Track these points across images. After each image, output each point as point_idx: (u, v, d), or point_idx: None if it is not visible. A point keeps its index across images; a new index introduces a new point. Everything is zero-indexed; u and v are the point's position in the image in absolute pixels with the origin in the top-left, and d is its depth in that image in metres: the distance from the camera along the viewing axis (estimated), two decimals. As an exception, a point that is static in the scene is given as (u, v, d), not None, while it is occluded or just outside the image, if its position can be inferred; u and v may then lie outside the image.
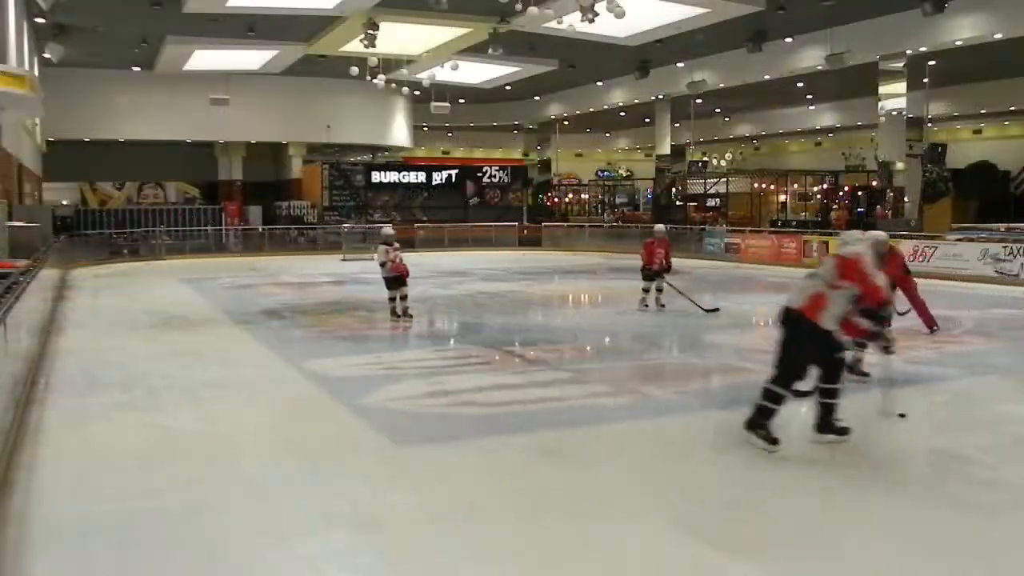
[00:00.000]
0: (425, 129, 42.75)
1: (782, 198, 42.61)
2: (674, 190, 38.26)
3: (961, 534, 5.24)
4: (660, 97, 34.19)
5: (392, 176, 41.40)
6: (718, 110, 40.13)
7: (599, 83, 35.52)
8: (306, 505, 5.70)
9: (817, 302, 6.76)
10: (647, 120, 38.02)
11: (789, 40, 26.05)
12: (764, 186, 43.23)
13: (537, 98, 39.61)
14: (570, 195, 48.76)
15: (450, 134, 46.66)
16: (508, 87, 35.31)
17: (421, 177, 42.01)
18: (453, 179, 42.16)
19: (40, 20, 23.04)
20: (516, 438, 7.22)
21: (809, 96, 35.79)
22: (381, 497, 5.89)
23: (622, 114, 39.21)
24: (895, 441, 7.37)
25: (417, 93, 33.25)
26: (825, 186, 40.94)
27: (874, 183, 31.56)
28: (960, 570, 4.78)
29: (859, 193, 36.99)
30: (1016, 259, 20.68)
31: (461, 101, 37.09)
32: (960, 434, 7.44)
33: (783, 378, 6.86)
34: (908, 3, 21.74)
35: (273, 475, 6.38)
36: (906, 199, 26.83)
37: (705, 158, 49.29)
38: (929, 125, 34.94)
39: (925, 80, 27.13)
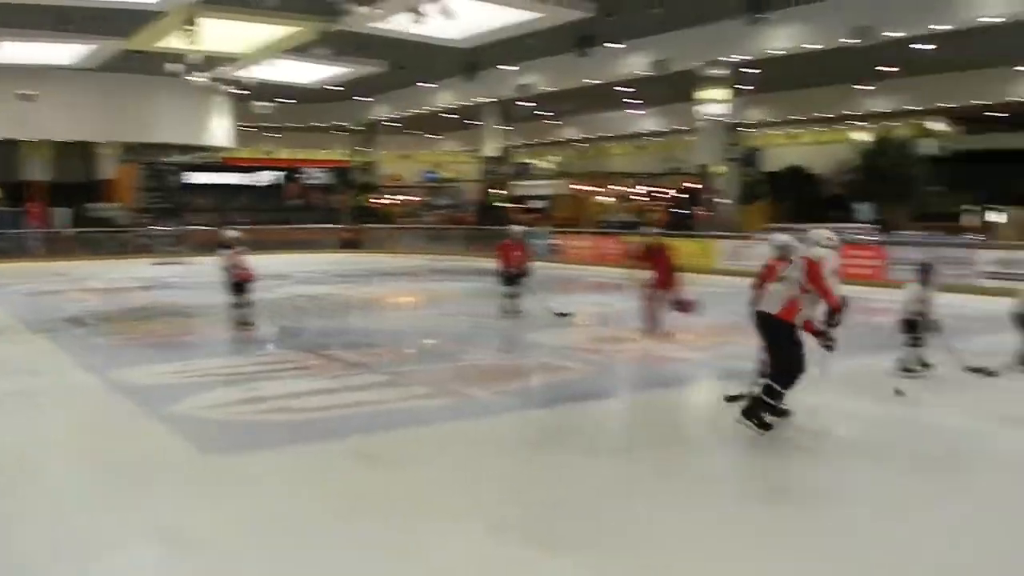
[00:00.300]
0: (249, 129, 41.57)
1: (605, 200, 43.51)
2: (498, 192, 38.46)
3: (771, 520, 5.43)
4: (488, 100, 34.31)
5: (210, 177, 40.26)
6: (546, 113, 40.55)
7: (427, 85, 35.39)
8: (110, 520, 5.46)
9: (793, 306, 7.10)
10: (474, 122, 38.08)
11: (616, 45, 26.54)
12: (588, 188, 44.06)
13: (364, 99, 39.13)
14: (394, 197, 48.41)
15: (278, 135, 45.51)
16: (337, 87, 34.74)
17: (241, 178, 41.01)
18: (274, 181, 41.34)
19: None
20: (333, 444, 7.06)
21: (634, 101, 36.61)
22: (189, 509, 5.66)
23: (449, 116, 39.18)
24: (707, 434, 7.57)
25: (247, 92, 32.28)
26: (646, 188, 42.08)
27: (693, 185, 32.57)
28: (774, 555, 4.92)
29: (678, 195, 38.14)
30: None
31: (286, 101, 36.32)
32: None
33: (783, 377, 7.13)
34: (730, 13, 22.53)
35: (75, 489, 6.12)
36: (724, 201, 27.74)
37: (531, 161, 49.94)
38: (749, 131, 36.53)
39: (744, 87, 28.20)
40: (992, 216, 29.70)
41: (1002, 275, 18.06)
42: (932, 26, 21.01)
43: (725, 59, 25.54)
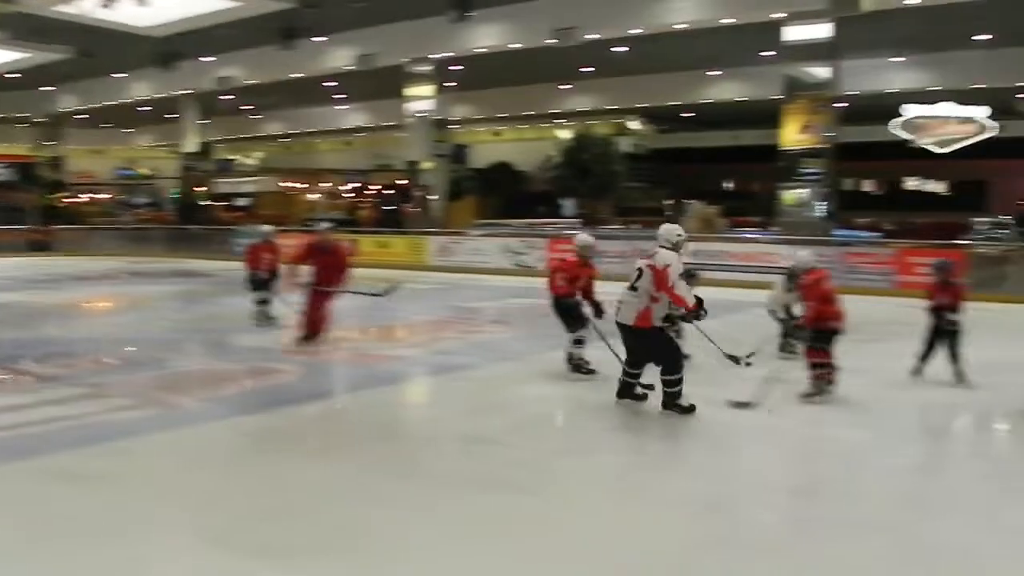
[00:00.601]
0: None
1: (313, 197, 43.06)
2: (200, 189, 37.16)
3: (493, 512, 5.56)
4: (186, 92, 32.98)
5: None
6: (249, 107, 39.56)
7: (119, 75, 33.55)
8: None
9: (646, 315, 7.62)
10: (172, 116, 36.53)
11: (321, 39, 26.28)
12: (295, 185, 43.46)
13: (48, 88, 36.57)
14: (87, 195, 45.62)
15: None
16: (15, 75, 32.19)
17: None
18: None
19: None
20: (26, 463, 6.55)
21: (340, 96, 36.39)
22: None
23: (145, 109, 37.39)
24: (427, 429, 7.66)
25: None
26: (355, 185, 41.97)
27: (402, 181, 32.85)
28: (497, 547, 5.03)
29: (388, 191, 38.34)
30: (532, 252, 22.55)
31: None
32: (485, 418, 7.91)
33: (672, 366, 7.70)
34: (435, 9, 22.83)
35: None
36: (432, 197, 28.10)
37: (234, 156, 48.58)
38: (457, 127, 37.23)
39: (451, 84, 28.68)
40: (685, 211, 31.85)
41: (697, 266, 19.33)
42: (628, 30, 22.32)
43: (431, 56, 25.91)
